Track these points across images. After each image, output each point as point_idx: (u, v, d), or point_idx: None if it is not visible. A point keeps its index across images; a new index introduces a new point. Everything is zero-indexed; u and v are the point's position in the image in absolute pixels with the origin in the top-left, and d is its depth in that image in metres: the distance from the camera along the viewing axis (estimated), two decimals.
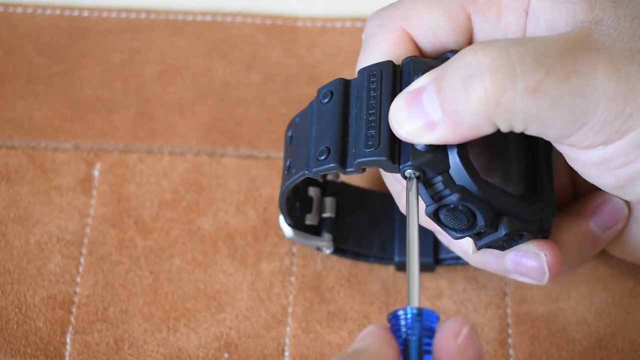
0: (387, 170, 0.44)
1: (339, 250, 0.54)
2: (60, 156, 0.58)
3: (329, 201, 0.54)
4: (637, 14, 0.43)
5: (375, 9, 0.48)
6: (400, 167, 0.43)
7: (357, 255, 0.54)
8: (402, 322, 0.40)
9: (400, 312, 0.40)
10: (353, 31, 0.62)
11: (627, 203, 0.49)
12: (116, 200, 0.56)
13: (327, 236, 0.53)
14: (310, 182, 0.54)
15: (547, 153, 0.48)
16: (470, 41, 0.46)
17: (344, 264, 0.54)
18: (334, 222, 0.53)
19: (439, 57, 0.45)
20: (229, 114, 0.59)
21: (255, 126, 0.59)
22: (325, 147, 0.45)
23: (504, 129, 0.42)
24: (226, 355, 0.52)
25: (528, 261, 0.47)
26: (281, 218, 0.52)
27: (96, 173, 0.57)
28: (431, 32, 0.45)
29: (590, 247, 0.50)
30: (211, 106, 0.59)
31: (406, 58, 0.45)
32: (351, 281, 0.54)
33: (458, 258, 0.52)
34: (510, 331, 0.52)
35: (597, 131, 0.42)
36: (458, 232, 0.44)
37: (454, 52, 0.44)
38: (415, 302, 0.40)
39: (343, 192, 0.55)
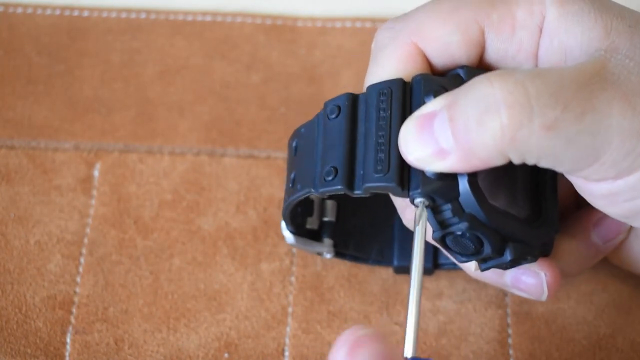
0: (396, 195, 0.43)
1: (338, 254, 0.54)
2: (60, 156, 0.58)
3: (330, 204, 0.53)
4: None
5: (375, 9, 0.47)
6: (410, 193, 0.42)
7: (356, 258, 0.54)
8: None
9: None
10: (353, 31, 0.62)
11: None
12: (116, 200, 0.56)
13: (327, 242, 0.53)
14: None
15: (554, 175, 0.47)
16: (481, 56, 0.45)
17: (344, 264, 0.54)
18: (334, 226, 0.53)
19: (449, 74, 0.45)
20: (229, 114, 0.59)
21: (255, 126, 0.59)
22: (332, 167, 0.44)
23: (516, 162, 0.41)
24: (226, 355, 0.52)
25: (527, 279, 0.47)
26: (283, 225, 0.51)
27: (96, 173, 0.57)
28: (443, 47, 0.45)
29: (591, 257, 0.50)
30: (211, 106, 0.59)
31: (417, 76, 0.44)
32: (351, 281, 0.54)
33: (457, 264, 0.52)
34: (510, 331, 0.52)
35: (608, 167, 0.41)
36: (464, 256, 0.44)
37: (465, 68, 0.44)
38: (410, 353, 0.40)
39: (344, 196, 0.54)
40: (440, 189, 0.42)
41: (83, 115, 0.59)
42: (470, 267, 0.47)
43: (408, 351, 0.40)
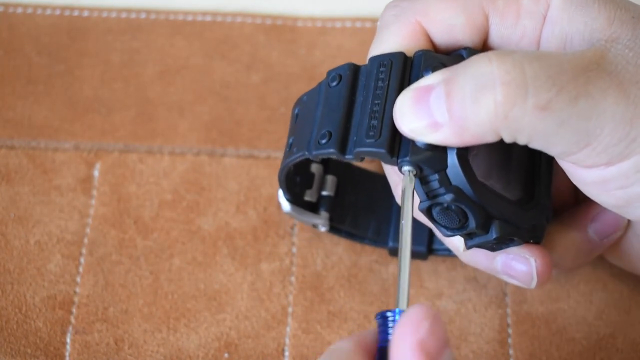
0: (385, 162, 0.44)
1: (334, 229, 0.54)
2: (60, 156, 0.58)
3: (330, 179, 0.54)
4: None
5: (375, 9, 0.48)
6: (399, 161, 0.43)
7: (352, 235, 0.54)
8: (390, 324, 0.40)
9: (389, 314, 0.40)
10: (353, 31, 0.62)
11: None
12: (116, 200, 0.56)
13: (324, 214, 0.53)
14: None
15: (549, 161, 0.48)
16: (484, 41, 0.45)
17: (344, 264, 0.54)
18: (332, 200, 0.54)
19: (452, 54, 0.45)
20: (229, 114, 0.59)
21: (255, 126, 0.59)
22: (328, 131, 0.45)
23: (507, 140, 0.42)
24: (226, 355, 0.52)
25: (517, 265, 0.47)
26: (280, 192, 0.52)
27: (96, 173, 0.57)
28: (447, 29, 0.45)
29: (587, 253, 0.50)
30: (211, 106, 0.59)
31: (418, 51, 0.45)
32: (351, 281, 0.54)
33: (451, 250, 0.52)
34: (510, 331, 0.52)
35: (600, 152, 0.42)
36: (449, 230, 0.44)
37: (468, 49, 0.45)
38: (404, 305, 0.41)
39: (345, 172, 0.55)
40: (428, 159, 0.43)
41: (83, 115, 0.59)
42: (459, 247, 0.47)
43: (403, 303, 0.41)
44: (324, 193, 0.54)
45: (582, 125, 0.41)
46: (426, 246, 0.53)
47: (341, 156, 0.44)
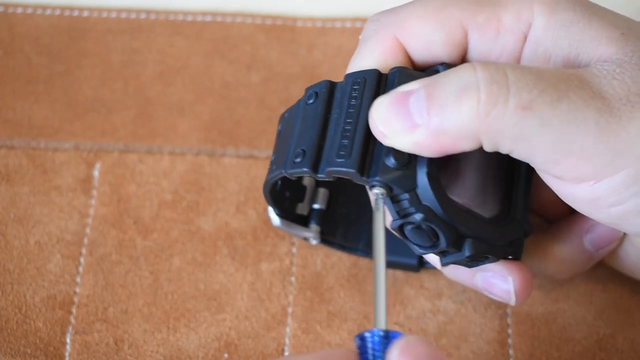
0: (356, 181, 0.43)
1: (325, 242, 0.54)
2: (60, 156, 0.58)
3: (321, 192, 0.54)
4: None
5: (375, 9, 0.47)
6: (368, 180, 0.43)
7: (343, 247, 0.54)
8: (369, 345, 0.40)
9: (367, 334, 0.40)
10: (353, 31, 0.62)
11: None
12: (116, 200, 0.56)
13: (314, 227, 0.53)
14: None
15: (528, 175, 0.47)
16: (463, 58, 0.45)
17: (344, 264, 0.54)
18: (323, 213, 0.54)
19: (428, 70, 0.45)
20: (229, 114, 0.59)
21: (255, 126, 0.59)
22: (302, 149, 0.45)
23: (488, 147, 0.41)
24: (226, 355, 0.52)
25: (497, 282, 0.47)
26: (269, 208, 0.52)
27: (96, 173, 0.57)
28: (425, 45, 0.45)
29: (583, 263, 0.49)
30: (211, 106, 0.59)
31: (393, 68, 0.44)
32: (351, 281, 0.54)
33: None
34: (510, 331, 0.52)
35: (585, 161, 0.41)
36: (422, 248, 0.44)
37: (445, 64, 0.44)
38: (382, 324, 0.40)
39: (337, 185, 0.55)
40: (398, 178, 0.42)
41: (83, 115, 0.59)
42: (437, 263, 0.47)
43: (380, 322, 0.40)
44: (315, 206, 0.54)
45: (564, 128, 0.40)
46: (417, 259, 0.53)
47: (314, 175, 0.44)
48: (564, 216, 0.50)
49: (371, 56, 0.45)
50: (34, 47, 0.61)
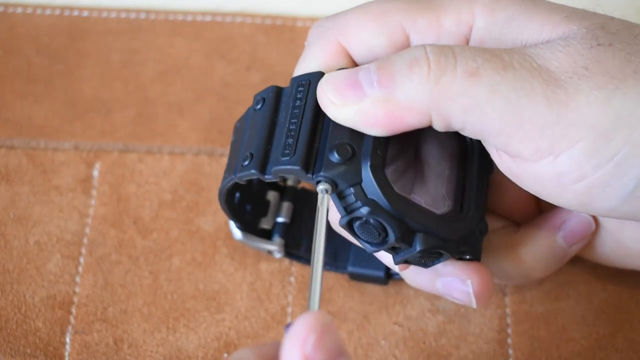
0: (301, 179, 0.44)
1: (290, 255, 0.54)
2: (60, 156, 0.58)
3: (285, 206, 0.54)
4: (595, 24, 0.42)
5: None
6: (313, 176, 0.43)
7: (308, 260, 0.54)
8: None
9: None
10: None
11: (595, 217, 0.49)
12: (116, 200, 0.56)
13: (278, 241, 0.53)
14: (270, 186, 0.54)
15: (481, 174, 0.47)
16: None
17: None
18: (288, 227, 0.54)
19: None
20: (229, 114, 0.59)
21: None
22: (250, 153, 0.45)
23: (440, 123, 0.42)
24: (226, 355, 0.52)
25: (457, 285, 0.47)
26: (230, 222, 0.52)
27: (96, 173, 0.57)
28: (367, 49, 0.45)
29: (558, 260, 0.49)
30: (211, 106, 0.59)
31: (338, 69, 0.45)
32: (350, 281, 0.54)
33: None
34: (510, 331, 0.52)
35: (539, 133, 0.41)
36: (372, 245, 0.44)
37: None
38: (315, 309, 0.40)
39: (301, 199, 0.55)
40: (342, 173, 0.43)
41: (83, 115, 0.59)
42: (395, 266, 0.47)
43: (314, 308, 0.40)
44: (279, 219, 0.54)
45: (513, 95, 0.40)
46: (384, 271, 0.53)
47: (262, 176, 0.45)
48: (534, 216, 0.50)
49: (315, 61, 0.46)
50: (34, 47, 0.62)
